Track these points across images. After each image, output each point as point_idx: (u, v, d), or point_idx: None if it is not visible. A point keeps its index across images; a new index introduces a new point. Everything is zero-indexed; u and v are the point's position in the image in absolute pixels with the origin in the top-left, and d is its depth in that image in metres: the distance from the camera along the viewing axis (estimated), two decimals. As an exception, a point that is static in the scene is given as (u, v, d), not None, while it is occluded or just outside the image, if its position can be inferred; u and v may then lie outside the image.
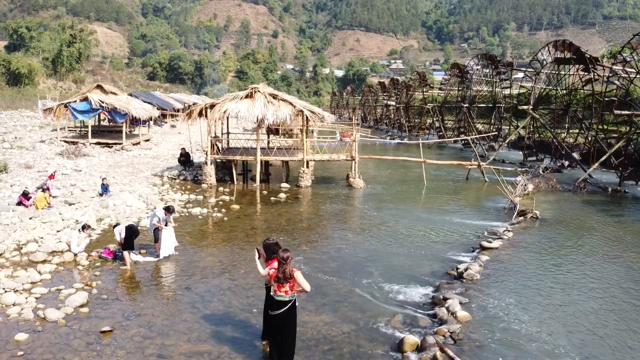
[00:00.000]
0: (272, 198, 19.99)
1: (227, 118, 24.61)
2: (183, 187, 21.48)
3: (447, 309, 9.37)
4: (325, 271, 11.87)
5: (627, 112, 22.05)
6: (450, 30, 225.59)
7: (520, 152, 32.87)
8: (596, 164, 23.96)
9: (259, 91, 21.63)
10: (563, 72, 29.60)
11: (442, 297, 9.98)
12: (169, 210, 12.60)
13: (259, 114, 20.91)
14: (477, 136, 33.66)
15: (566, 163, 27.06)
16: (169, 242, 12.46)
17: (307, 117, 21.71)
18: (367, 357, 8.02)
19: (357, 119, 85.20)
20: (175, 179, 23.11)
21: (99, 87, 36.69)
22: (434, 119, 49.16)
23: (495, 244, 13.52)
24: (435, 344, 8.07)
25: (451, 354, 7.71)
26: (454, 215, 18.06)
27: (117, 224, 12.45)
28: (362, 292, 10.68)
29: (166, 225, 12.44)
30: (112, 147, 29.37)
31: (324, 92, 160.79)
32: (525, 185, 20.84)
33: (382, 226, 16.42)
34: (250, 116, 20.95)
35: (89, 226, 12.87)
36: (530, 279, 11.39)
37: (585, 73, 27.49)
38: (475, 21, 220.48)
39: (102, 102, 28.45)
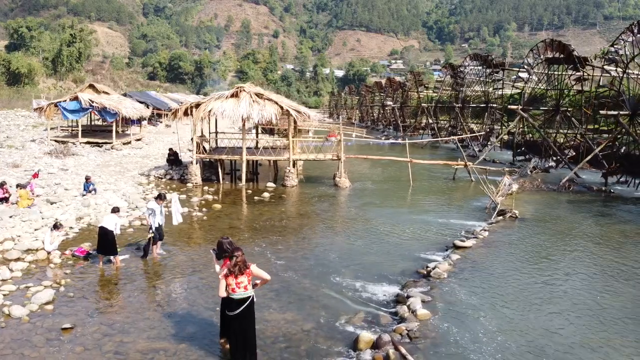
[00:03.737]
0: (255, 197, 20.04)
1: (216, 118, 24.63)
2: (169, 187, 21.54)
3: (408, 307, 9.41)
4: (296, 270, 11.92)
5: (612, 113, 22.02)
6: (451, 30, 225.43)
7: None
8: (581, 164, 23.96)
9: (244, 90, 21.69)
10: (553, 72, 29.55)
11: (406, 296, 10.02)
12: (160, 197, 12.68)
13: (244, 113, 20.97)
14: (464, 136, 33.66)
15: (553, 163, 27.03)
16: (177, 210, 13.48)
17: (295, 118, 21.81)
18: (323, 355, 8.05)
19: (354, 119, 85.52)
20: (161, 178, 23.18)
21: (91, 86, 36.81)
22: (429, 119, 49.13)
23: (469, 243, 13.55)
24: (390, 341, 8.10)
25: (404, 351, 7.74)
26: (435, 214, 18.08)
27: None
28: (330, 290, 10.71)
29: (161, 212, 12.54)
30: (102, 146, 29.47)
31: (324, 92, 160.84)
32: (510, 185, 20.82)
33: (361, 225, 16.46)
34: (235, 115, 20.99)
35: (61, 225, 12.92)
36: (498, 278, 11.40)
37: (575, 73, 27.45)
38: (476, 21, 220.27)
39: (92, 102, 28.53)
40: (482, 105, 37.80)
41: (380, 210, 18.77)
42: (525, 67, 29.41)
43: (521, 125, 31.77)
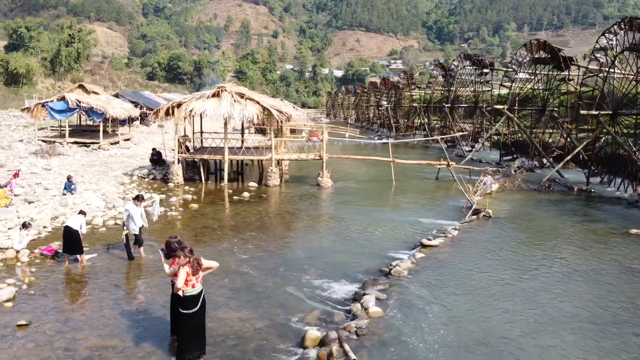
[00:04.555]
0: (235, 197, 20.13)
1: (201, 118, 24.71)
2: (150, 186, 21.64)
3: (362, 305, 9.50)
4: (261, 268, 12.00)
5: (593, 113, 22.05)
6: (450, 30, 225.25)
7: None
8: (561, 164, 24.00)
9: (225, 90, 21.78)
10: (539, 72, 29.60)
11: (362, 294, 10.10)
12: (137, 199, 12.70)
13: (225, 113, 21.07)
14: (447, 136, 33.71)
15: (537, 163, 27.07)
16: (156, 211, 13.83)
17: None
18: (270, 352, 8.14)
19: (350, 119, 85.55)
20: (145, 178, 23.28)
21: (81, 86, 36.97)
22: (422, 119, 49.19)
23: (436, 242, 13.62)
24: (336, 339, 8.19)
25: (347, 348, 7.82)
26: (411, 213, 18.15)
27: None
28: (291, 288, 10.80)
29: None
30: (89, 146, 29.59)
31: (324, 92, 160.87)
32: (489, 184, 20.92)
33: (334, 224, 16.55)
34: (217, 115, 21.09)
35: (30, 224, 13.02)
36: (458, 276, 11.47)
37: (559, 73, 27.50)
38: (475, 21, 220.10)
39: (80, 102, 28.65)
40: (471, 105, 37.85)
41: (357, 209, 18.85)
42: (513, 67, 29.45)
43: (507, 126, 31.80)
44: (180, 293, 7.53)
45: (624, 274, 11.91)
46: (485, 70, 34.70)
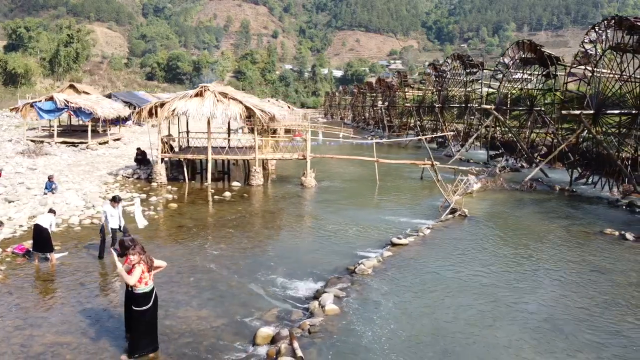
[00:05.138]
0: (216, 196, 20.21)
1: (187, 118, 24.79)
2: (133, 186, 21.73)
3: (319, 302, 9.57)
4: (230, 267, 12.07)
5: (574, 112, 22.08)
6: (450, 30, 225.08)
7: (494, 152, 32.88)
8: (542, 163, 24.06)
9: (208, 90, 21.87)
10: (526, 72, 29.66)
11: (322, 292, 10.17)
12: (114, 200, 12.75)
13: (208, 113, 21.16)
14: (429, 136, 33.78)
15: (523, 163, 27.11)
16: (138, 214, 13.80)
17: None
18: (222, 350, 8.22)
19: (346, 119, 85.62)
20: (129, 177, 23.36)
21: (71, 86, 37.18)
22: (414, 119, 49.26)
23: (406, 240, 13.68)
24: (287, 336, 8.26)
25: (295, 346, 7.90)
26: (390, 213, 18.21)
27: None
28: (255, 287, 10.87)
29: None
30: (77, 146, 29.69)
31: (323, 93, 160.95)
32: (471, 184, 20.95)
33: (311, 223, 16.64)
34: (199, 114, 21.18)
35: (2, 223, 13.10)
36: (423, 274, 11.55)
37: (543, 73, 27.57)
38: (475, 21, 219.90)
39: (67, 102, 28.76)
40: (462, 105, 37.91)
41: (337, 208, 18.92)
42: (499, 68, 29.52)
43: (495, 125, 31.85)
44: (126, 281, 7.65)
45: (590, 273, 11.97)
46: (473, 70, 34.72)
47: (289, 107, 61.79)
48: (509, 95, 32.02)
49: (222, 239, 14.37)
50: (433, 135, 33.71)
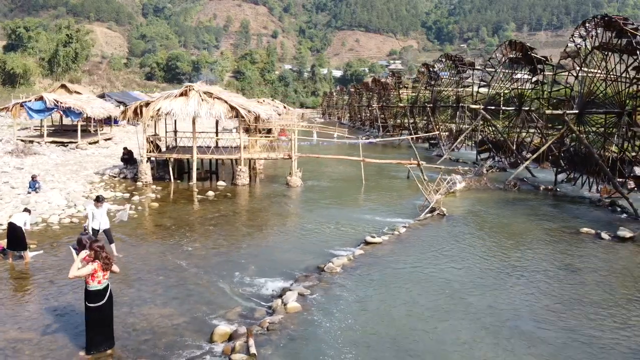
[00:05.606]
0: (200, 196, 20.28)
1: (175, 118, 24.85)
2: (118, 185, 21.81)
3: (282, 300, 9.63)
4: (202, 266, 12.13)
5: (558, 112, 22.11)
6: (450, 30, 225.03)
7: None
8: (526, 163, 24.10)
9: (193, 89, 21.96)
10: (514, 72, 29.71)
11: (288, 290, 10.24)
12: (98, 200, 12.76)
13: (192, 112, 21.24)
14: (416, 136, 33.82)
15: (509, 162, 27.16)
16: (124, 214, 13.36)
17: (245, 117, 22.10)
18: (178, 347, 8.28)
19: (343, 119, 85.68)
20: (115, 177, 23.45)
21: (63, 86, 37.31)
22: (408, 119, 49.33)
23: (380, 239, 13.74)
24: (244, 334, 8.34)
25: (250, 343, 7.97)
26: (372, 212, 18.27)
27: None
28: (223, 286, 10.92)
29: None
30: (66, 145, 29.79)
31: (322, 93, 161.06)
32: (455, 183, 21.04)
33: (290, 222, 16.70)
34: (183, 114, 21.26)
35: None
36: (390, 273, 11.60)
37: (533, 72, 27.62)
38: (475, 21, 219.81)
39: (57, 102, 28.86)
40: (453, 105, 37.97)
41: (318, 208, 18.99)
42: (486, 69, 29.58)
43: (483, 125, 31.90)
44: (72, 274, 7.73)
45: (559, 271, 12.03)
46: (462, 68, 34.77)
47: (284, 107, 61.82)
48: (502, 95, 32.05)
49: (197, 238, 14.44)
50: (419, 136, 33.71)
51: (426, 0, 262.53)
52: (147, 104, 21.85)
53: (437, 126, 39.74)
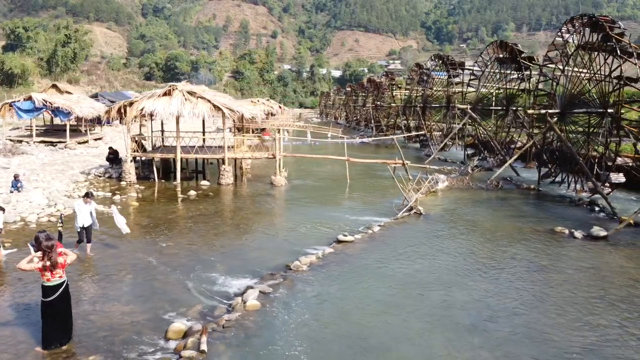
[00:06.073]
0: (181, 195, 20.38)
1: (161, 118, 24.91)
2: (103, 185, 21.93)
3: (242, 298, 9.72)
4: (171, 264, 12.21)
5: (539, 112, 22.17)
6: (449, 30, 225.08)
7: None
8: (508, 163, 24.15)
9: (176, 89, 22.06)
10: (502, 72, 29.76)
11: (250, 288, 10.33)
12: (87, 196, 12.87)
13: (175, 111, 21.35)
14: (400, 135, 33.89)
15: (496, 162, 27.21)
16: (120, 221, 13.19)
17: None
18: (134, 344, 8.37)
19: (340, 119, 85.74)
20: (100, 176, 23.58)
21: (54, 86, 37.38)
22: (400, 119, 49.42)
23: (352, 238, 13.82)
24: (199, 331, 8.43)
25: (202, 340, 8.06)
26: (351, 211, 18.33)
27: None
28: (189, 284, 10.99)
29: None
30: (55, 145, 29.92)
31: (319, 92, 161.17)
32: (436, 182, 21.12)
33: (268, 221, 16.77)
34: (166, 113, 21.38)
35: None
36: (356, 271, 11.68)
37: (514, 72, 27.70)
38: (474, 21, 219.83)
39: (46, 101, 28.99)
40: (443, 105, 38.05)
41: (299, 207, 19.08)
42: (473, 70, 29.65)
43: (472, 125, 31.97)
44: (18, 266, 8.01)
45: (526, 270, 12.09)
46: (453, 68, 34.84)
47: (279, 107, 61.87)
48: (493, 95, 32.13)
49: (172, 237, 14.54)
50: (404, 135, 33.74)
51: (426, 0, 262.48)
52: (131, 104, 21.95)
53: (427, 126, 39.79)
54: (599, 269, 12.36)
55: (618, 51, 18.59)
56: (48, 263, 7.95)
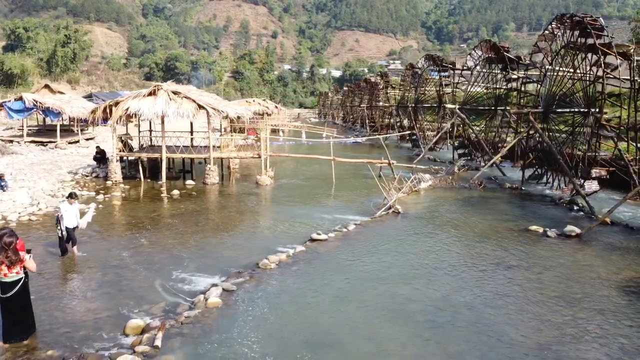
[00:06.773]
0: (163, 195, 20.53)
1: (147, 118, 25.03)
2: (89, 184, 22.10)
3: (204, 296, 9.87)
4: (142, 263, 12.34)
5: (523, 111, 22.28)
6: (450, 30, 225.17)
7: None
8: (490, 163, 24.26)
9: (161, 89, 22.23)
10: (489, 72, 29.88)
11: (214, 285, 10.48)
12: (71, 196, 13.00)
13: (160, 111, 21.52)
14: (388, 135, 33.98)
15: (483, 162, 27.31)
16: (86, 217, 13.31)
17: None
18: (93, 340, 8.51)
19: (337, 119, 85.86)
20: (87, 176, 23.75)
21: (46, 86, 37.57)
22: (394, 119, 49.53)
23: (325, 236, 13.95)
24: (156, 327, 8.58)
25: (158, 335, 8.22)
26: (332, 210, 18.45)
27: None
28: (157, 282, 11.09)
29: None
30: (46, 145, 30.12)
31: (318, 93, 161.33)
32: (418, 181, 21.24)
33: (246, 220, 16.92)
34: (151, 113, 21.54)
35: None
36: (325, 269, 11.80)
37: (502, 72, 27.81)
38: (474, 21, 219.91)
39: (36, 102, 29.19)
40: (434, 105, 38.16)
41: (280, 206, 19.23)
42: (461, 71, 29.77)
43: (461, 124, 32.06)
44: None
45: (494, 268, 12.18)
46: (444, 68, 34.96)
47: (275, 106, 62.00)
48: (482, 95, 32.23)
49: (148, 236, 14.68)
50: (393, 135, 33.82)
51: (426, 0, 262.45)
52: (117, 104, 22.13)
53: (418, 125, 39.90)
54: (566, 267, 12.46)
55: (597, 45, 18.68)
56: (6, 259, 8.09)
